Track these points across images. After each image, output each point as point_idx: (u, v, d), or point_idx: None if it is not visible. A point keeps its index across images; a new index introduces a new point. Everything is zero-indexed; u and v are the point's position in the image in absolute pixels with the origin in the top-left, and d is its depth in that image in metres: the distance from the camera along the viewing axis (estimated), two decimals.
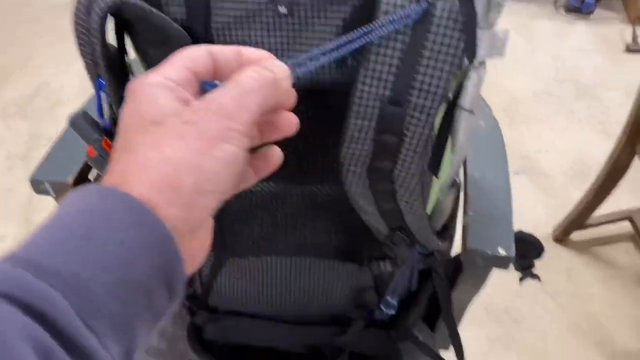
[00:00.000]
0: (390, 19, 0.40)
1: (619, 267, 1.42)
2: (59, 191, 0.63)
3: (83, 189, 0.27)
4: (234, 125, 0.29)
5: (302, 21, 0.46)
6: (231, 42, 0.47)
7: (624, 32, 2.12)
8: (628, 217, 1.40)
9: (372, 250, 0.64)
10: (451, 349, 0.73)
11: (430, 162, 0.52)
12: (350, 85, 0.44)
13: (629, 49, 2.03)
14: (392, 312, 0.68)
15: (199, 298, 0.72)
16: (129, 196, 0.26)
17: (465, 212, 0.63)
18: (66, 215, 0.25)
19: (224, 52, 0.33)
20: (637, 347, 1.25)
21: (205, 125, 0.28)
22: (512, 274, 1.39)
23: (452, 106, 0.48)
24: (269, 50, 0.47)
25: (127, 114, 0.30)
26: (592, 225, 1.42)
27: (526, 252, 0.76)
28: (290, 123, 0.35)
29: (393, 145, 0.46)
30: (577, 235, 1.46)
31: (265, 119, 0.34)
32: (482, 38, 0.52)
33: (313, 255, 0.63)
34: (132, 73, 0.51)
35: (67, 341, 0.22)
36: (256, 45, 0.47)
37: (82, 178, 0.65)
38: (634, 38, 2.05)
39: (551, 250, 1.45)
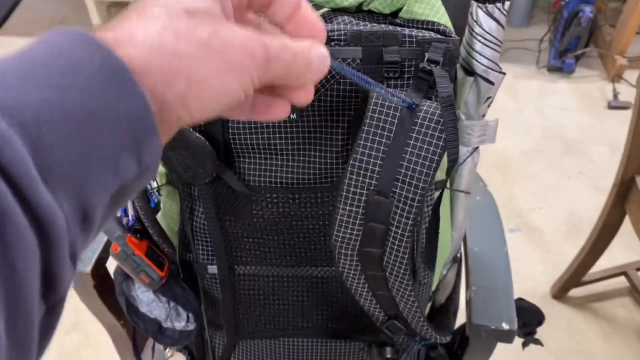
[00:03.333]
0: (385, 91, 0.43)
1: (618, 322, 1.44)
2: (77, 282, 0.65)
3: (67, 30, 0.23)
4: (252, 69, 0.27)
5: (311, 125, 0.50)
6: (247, 145, 0.52)
7: (605, 89, 2.22)
8: (623, 272, 1.43)
9: (375, 334, 0.65)
10: None
11: (426, 256, 0.55)
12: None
13: (611, 106, 2.11)
14: None
15: None
16: (112, 54, 0.23)
17: (467, 287, 0.66)
18: (42, 50, 0.22)
19: None
20: None
21: (233, 43, 0.26)
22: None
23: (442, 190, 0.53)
24: (284, 151, 0.52)
25: None
26: (589, 282, 1.45)
27: (528, 320, 0.78)
28: (282, 111, 0.32)
29: (381, 233, 0.49)
30: (575, 292, 1.48)
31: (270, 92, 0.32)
32: (474, 128, 0.57)
33: (322, 336, 0.66)
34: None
35: (19, 188, 0.19)
36: (270, 147, 0.51)
37: (99, 266, 0.67)
38: (615, 95, 2.13)
39: (551, 307, 1.47)
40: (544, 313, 0.78)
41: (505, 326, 0.61)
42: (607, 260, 1.43)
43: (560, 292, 1.47)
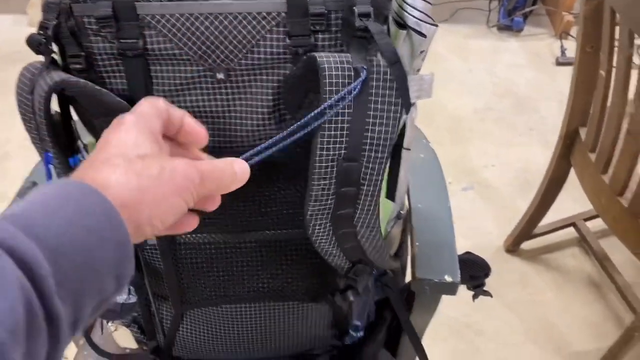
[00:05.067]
0: (335, 99, 0.44)
1: (568, 271, 1.49)
2: None
3: (68, 180, 0.33)
4: (192, 189, 0.37)
5: (240, 85, 0.49)
6: None
7: (553, 46, 2.25)
8: (572, 223, 1.47)
9: (332, 286, 0.66)
10: None
11: (389, 193, 0.55)
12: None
13: (559, 62, 2.15)
14: (360, 334, 0.71)
15: (162, 350, 0.73)
16: (107, 199, 0.32)
17: (412, 243, 0.67)
18: (57, 196, 0.31)
19: (175, 112, 0.41)
20: (593, 347, 1.31)
21: (175, 173, 0.36)
22: (467, 289, 1.43)
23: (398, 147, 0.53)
24: (210, 113, 0.50)
25: (114, 138, 0.37)
26: (539, 234, 1.49)
27: (475, 273, 0.79)
28: (194, 222, 0.42)
29: (353, 195, 0.50)
30: (527, 245, 1.53)
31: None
32: (411, 83, 0.56)
33: (273, 299, 0.65)
34: (79, 139, 0.52)
35: (43, 298, 0.27)
36: (197, 109, 0.50)
37: None
38: (562, 51, 2.17)
39: (504, 261, 1.51)
40: (490, 265, 0.80)
41: (448, 278, 0.62)
42: (556, 213, 1.47)
43: (513, 246, 1.51)
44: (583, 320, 1.39)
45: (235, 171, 0.40)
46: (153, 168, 0.35)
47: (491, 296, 0.81)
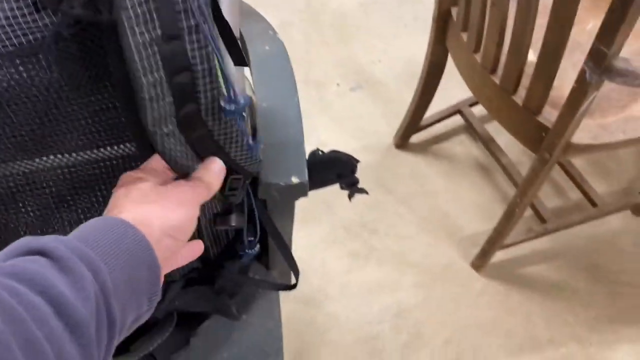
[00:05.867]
0: None
1: (457, 159, 1.50)
2: None
3: (108, 217, 0.41)
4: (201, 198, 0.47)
5: None
6: None
7: None
8: (457, 110, 1.46)
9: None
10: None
11: (235, 58, 0.47)
12: None
13: None
14: (257, 249, 0.66)
15: None
16: (137, 229, 0.38)
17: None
18: (99, 226, 0.38)
19: None
20: (484, 229, 1.34)
21: (178, 191, 0.45)
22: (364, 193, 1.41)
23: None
24: None
25: (120, 194, 0.44)
26: (427, 126, 1.47)
27: (341, 171, 0.74)
28: (199, 249, 0.51)
29: (189, 84, 0.42)
30: (416, 138, 1.51)
31: None
32: None
33: None
34: None
35: (107, 303, 0.33)
36: None
37: None
38: None
39: (394, 157, 1.49)
40: (354, 159, 0.75)
41: (294, 180, 0.56)
42: (444, 102, 1.45)
43: (402, 140, 1.49)
44: (473, 204, 1.41)
45: (215, 171, 0.49)
46: (153, 195, 0.44)
47: (367, 193, 0.77)
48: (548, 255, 1.33)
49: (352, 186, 0.78)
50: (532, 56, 1.00)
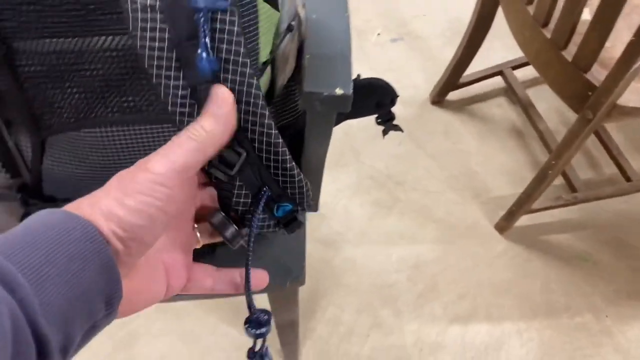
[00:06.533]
0: None
1: (492, 121, 1.47)
2: None
3: (55, 210, 0.34)
4: (158, 179, 0.35)
5: None
6: None
7: None
8: (499, 71, 1.43)
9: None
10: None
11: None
12: None
13: None
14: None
15: (30, 188, 0.65)
16: (88, 223, 0.32)
17: (302, 57, 0.59)
18: (38, 224, 0.31)
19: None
20: (511, 192, 1.33)
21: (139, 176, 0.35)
22: (391, 141, 1.41)
23: None
24: None
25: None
26: (466, 84, 1.45)
27: (381, 100, 0.73)
28: (265, 279, 0.46)
29: None
30: (453, 96, 1.48)
31: None
32: None
33: (139, 122, 0.57)
34: None
35: (28, 316, 0.28)
36: None
37: None
38: None
39: (428, 113, 1.48)
40: (395, 90, 0.74)
41: (339, 91, 0.55)
42: (484, 64, 1.42)
43: (439, 97, 1.46)
44: (503, 168, 1.39)
45: (218, 95, 0.40)
46: (120, 182, 0.35)
47: (402, 131, 0.76)
48: (574, 225, 1.32)
49: (387, 121, 0.77)
50: (587, 15, 0.97)
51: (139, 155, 0.60)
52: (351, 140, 1.40)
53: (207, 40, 0.43)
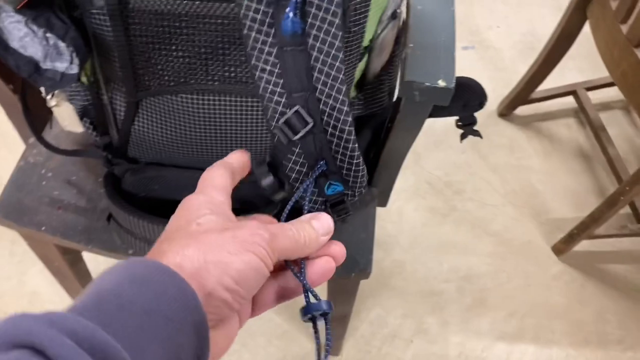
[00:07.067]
0: None
1: (559, 141, 1.43)
2: None
3: (143, 261, 0.31)
4: (261, 241, 0.34)
5: None
6: None
7: None
8: (572, 91, 1.39)
9: None
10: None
11: None
12: None
13: None
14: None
15: (116, 148, 0.66)
16: (179, 278, 0.30)
17: (404, 45, 0.58)
18: (124, 279, 0.29)
19: (236, 161, 0.43)
20: (571, 216, 1.29)
21: (239, 232, 0.34)
22: (453, 148, 1.38)
23: None
24: None
25: (177, 217, 0.36)
26: (536, 100, 1.41)
27: (469, 101, 0.71)
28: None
29: None
30: (521, 111, 1.45)
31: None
32: None
33: (238, 93, 0.57)
34: None
35: None
36: None
37: None
38: None
39: (494, 125, 1.45)
40: (486, 92, 0.72)
41: (441, 83, 0.54)
42: (557, 82, 1.38)
43: (507, 110, 1.43)
44: (566, 190, 1.35)
45: (314, 227, 0.37)
46: (212, 230, 0.34)
47: (481, 137, 0.74)
48: (634, 257, 1.27)
49: (468, 125, 0.75)
50: None
51: (229, 127, 0.60)
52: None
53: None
